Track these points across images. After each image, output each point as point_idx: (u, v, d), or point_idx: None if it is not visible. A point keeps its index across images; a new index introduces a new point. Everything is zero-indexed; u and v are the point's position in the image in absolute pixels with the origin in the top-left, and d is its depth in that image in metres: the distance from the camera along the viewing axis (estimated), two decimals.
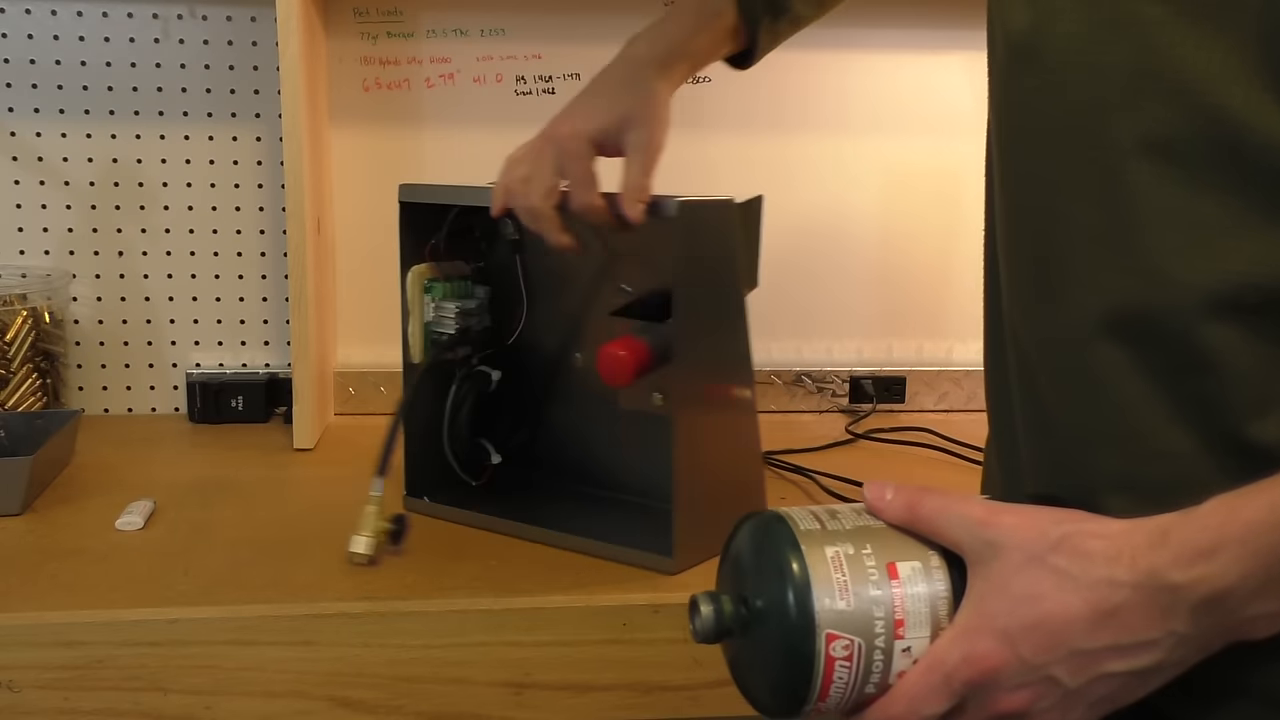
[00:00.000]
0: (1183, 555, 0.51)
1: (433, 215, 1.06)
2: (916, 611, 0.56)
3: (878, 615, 0.55)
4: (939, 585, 0.56)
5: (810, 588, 0.55)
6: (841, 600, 0.55)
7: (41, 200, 1.37)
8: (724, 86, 1.43)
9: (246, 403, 1.38)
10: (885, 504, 0.59)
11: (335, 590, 0.91)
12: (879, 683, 0.56)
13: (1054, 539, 0.54)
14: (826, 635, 0.55)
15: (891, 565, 0.56)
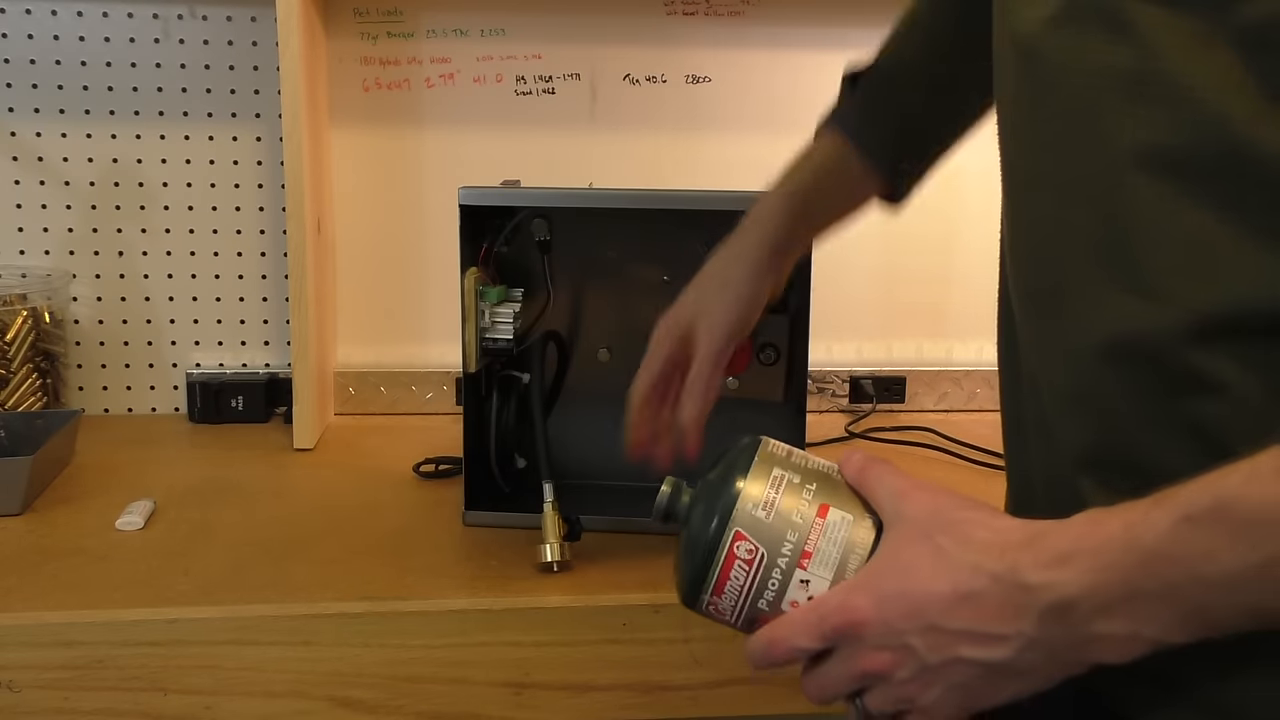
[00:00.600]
0: (1041, 558, 0.52)
1: (481, 217, 1.05)
2: (826, 552, 0.60)
3: (789, 538, 0.60)
4: (860, 543, 0.60)
5: (740, 489, 0.61)
6: (763, 510, 0.60)
7: (42, 200, 1.37)
8: (724, 86, 1.43)
9: (246, 403, 1.38)
10: (849, 464, 0.63)
11: (335, 590, 0.91)
12: (771, 602, 0.60)
13: (947, 520, 0.57)
14: (735, 532, 0.60)
15: (825, 506, 0.61)
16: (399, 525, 1.06)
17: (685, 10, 1.41)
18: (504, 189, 1.07)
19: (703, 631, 0.90)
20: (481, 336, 1.04)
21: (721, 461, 0.64)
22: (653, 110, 1.43)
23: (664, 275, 1.09)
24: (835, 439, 1.35)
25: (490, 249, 1.05)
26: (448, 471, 1.19)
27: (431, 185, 1.42)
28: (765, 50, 1.42)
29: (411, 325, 1.45)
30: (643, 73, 1.42)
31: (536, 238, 1.07)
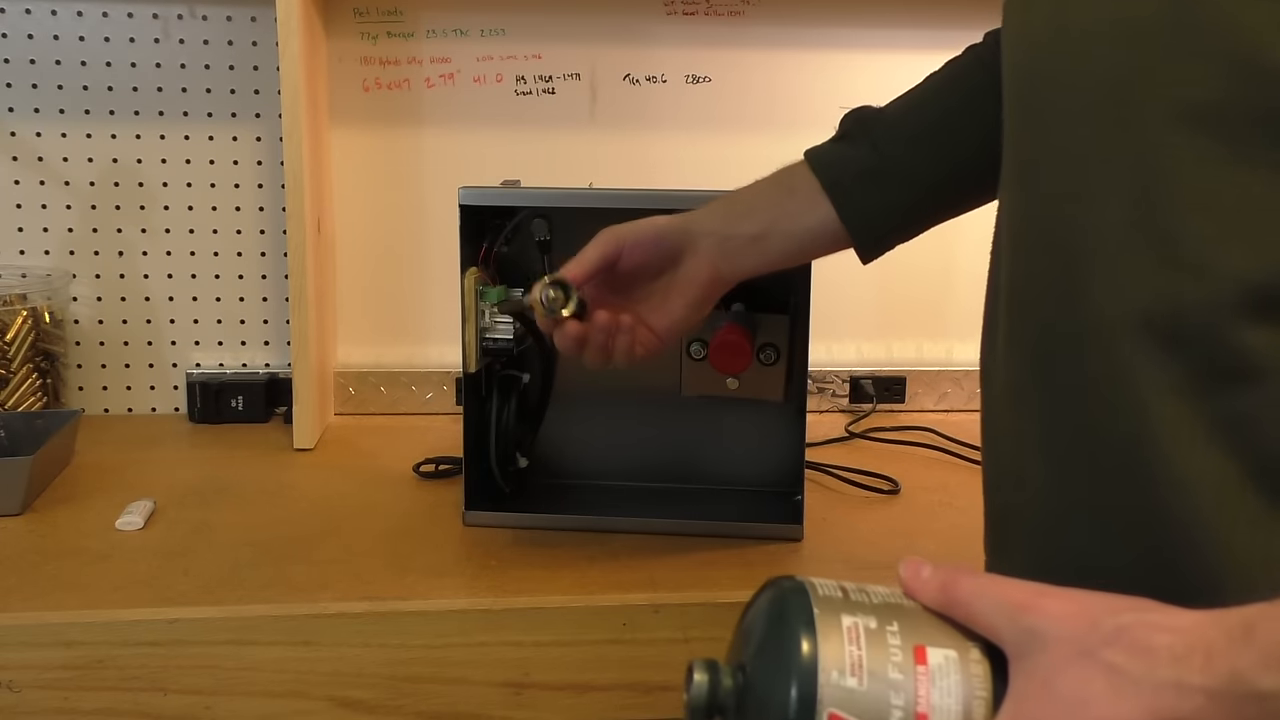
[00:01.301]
0: (1274, 655, 0.42)
1: (481, 217, 1.05)
2: (945, 708, 0.47)
3: (895, 703, 0.47)
4: (977, 682, 0.47)
5: (816, 658, 0.47)
6: (853, 678, 0.47)
7: (41, 200, 1.37)
8: (724, 86, 1.43)
9: (246, 403, 1.38)
10: (920, 583, 0.50)
11: (335, 590, 0.91)
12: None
13: (1109, 630, 0.44)
14: (829, 714, 0.47)
15: (920, 649, 0.48)
16: (399, 525, 1.06)
17: (685, 10, 1.41)
18: (504, 189, 1.07)
19: (703, 632, 0.90)
20: (481, 336, 1.04)
21: (762, 621, 0.51)
22: (653, 110, 1.43)
23: None
24: (835, 439, 1.35)
25: (490, 249, 1.05)
26: (448, 471, 1.19)
27: (431, 185, 1.42)
28: (765, 50, 1.42)
29: (411, 325, 1.45)
30: (643, 73, 1.42)
31: (536, 238, 1.07)
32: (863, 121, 0.88)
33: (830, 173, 0.86)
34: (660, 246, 0.86)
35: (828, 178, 0.86)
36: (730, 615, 0.89)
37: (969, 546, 1.02)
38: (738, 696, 0.50)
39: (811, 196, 0.86)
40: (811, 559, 0.99)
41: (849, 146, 0.87)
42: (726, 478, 1.13)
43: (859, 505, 1.13)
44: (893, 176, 0.85)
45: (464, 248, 1.03)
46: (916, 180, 0.85)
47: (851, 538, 1.04)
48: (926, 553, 1.01)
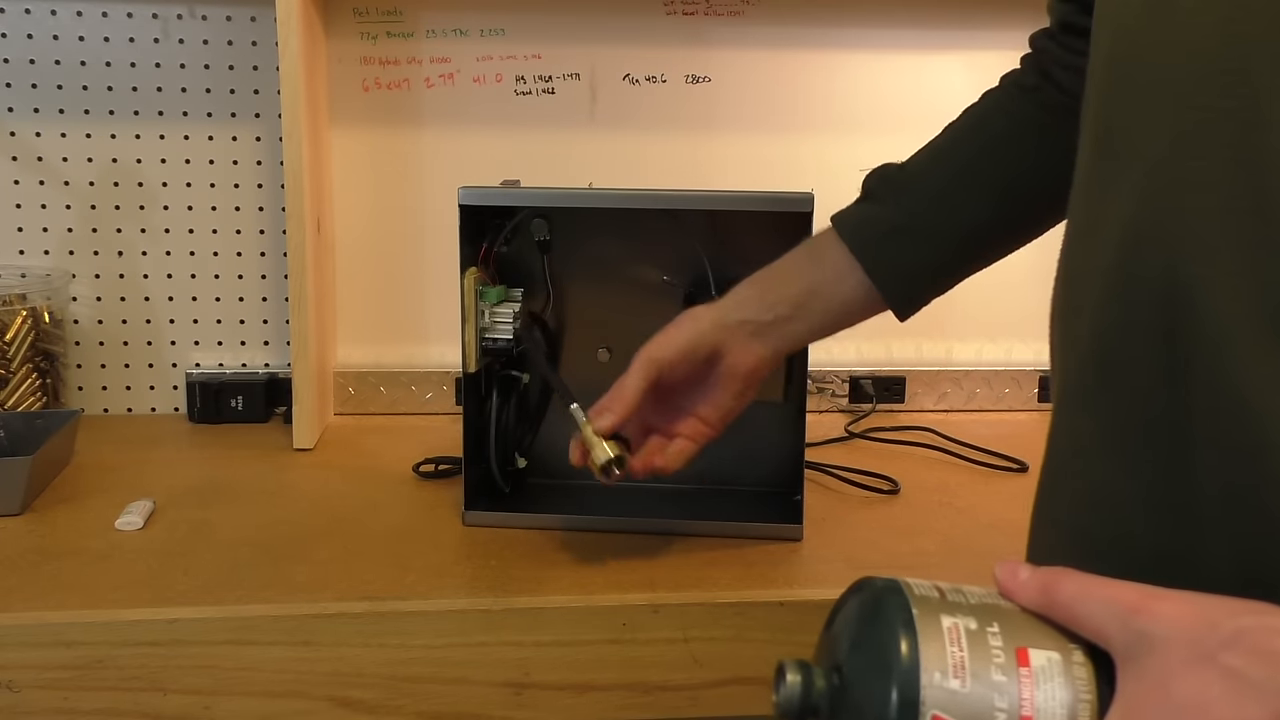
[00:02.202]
0: None
1: (481, 217, 1.05)
2: (1050, 711, 0.46)
3: (1000, 706, 0.46)
4: (1081, 685, 0.46)
5: (918, 660, 0.46)
6: (955, 679, 0.46)
7: (41, 200, 1.37)
8: (724, 86, 1.43)
9: (246, 403, 1.38)
10: (1018, 584, 0.50)
11: (335, 590, 0.91)
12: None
13: (1228, 633, 0.43)
14: (933, 716, 0.46)
15: (1022, 651, 0.47)
16: (399, 525, 1.06)
17: (685, 10, 1.41)
18: (504, 189, 1.07)
19: (702, 632, 0.90)
20: (481, 336, 1.04)
21: (857, 621, 0.51)
22: (653, 110, 1.43)
23: (664, 275, 1.09)
24: (835, 439, 1.35)
25: (490, 249, 1.05)
26: (448, 471, 1.19)
27: (431, 185, 1.42)
28: (765, 50, 1.42)
29: (411, 325, 1.45)
30: (642, 73, 1.42)
31: (536, 238, 1.07)
32: (885, 180, 0.88)
33: (857, 236, 0.86)
34: (694, 359, 0.89)
35: (855, 241, 0.86)
36: (730, 615, 0.90)
37: (969, 546, 1.02)
38: (832, 698, 0.49)
39: (841, 263, 0.86)
40: (811, 559, 0.99)
41: (873, 207, 0.87)
42: (726, 478, 1.13)
43: (859, 505, 1.13)
44: (920, 233, 0.85)
45: (464, 248, 1.03)
46: (944, 235, 0.85)
47: (851, 538, 1.04)
48: (926, 552, 1.02)
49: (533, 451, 1.13)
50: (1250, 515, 0.49)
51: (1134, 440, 0.55)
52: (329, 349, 1.40)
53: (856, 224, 0.87)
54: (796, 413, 1.08)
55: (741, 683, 0.91)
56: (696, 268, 1.07)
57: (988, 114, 0.87)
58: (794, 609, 0.91)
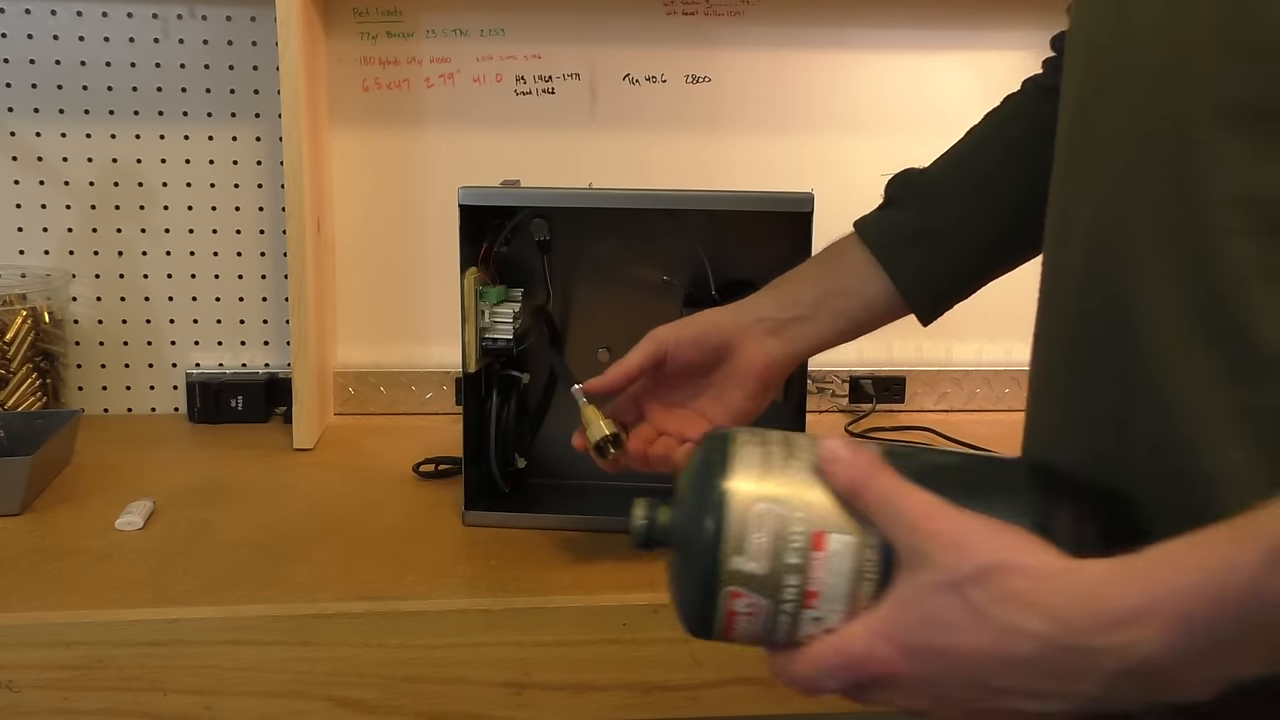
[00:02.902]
0: (1104, 619, 0.46)
1: (481, 217, 1.05)
2: (834, 587, 0.54)
3: (789, 583, 0.55)
4: (868, 566, 0.54)
5: (723, 543, 0.55)
6: (754, 563, 0.55)
7: (41, 200, 1.37)
8: (724, 86, 1.43)
9: (246, 403, 1.38)
10: (832, 471, 0.55)
11: (335, 590, 0.91)
12: (786, 637, 0.56)
13: (977, 567, 0.50)
14: (730, 591, 0.55)
15: (819, 536, 0.55)
16: (399, 525, 1.06)
17: (685, 10, 1.41)
18: (504, 189, 1.07)
19: None
20: (481, 336, 1.04)
21: (696, 475, 0.58)
22: (652, 110, 1.43)
23: (664, 275, 1.09)
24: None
25: (490, 249, 1.05)
26: (447, 471, 1.19)
27: (431, 185, 1.42)
28: (765, 50, 1.42)
29: (411, 325, 1.45)
30: (642, 73, 1.42)
31: (536, 238, 1.07)
32: (908, 185, 0.88)
33: (881, 240, 0.86)
34: (704, 345, 0.87)
35: (879, 245, 0.86)
36: None
37: None
38: (674, 534, 0.58)
39: (864, 268, 0.87)
40: None
41: (897, 212, 0.87)
42: None
43: None
44: (943, 237, 0.85)
45: (464, 248, 1.03)
46: (967, 239, 0.85)
47: None
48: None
49: (533, 451, 1.13)
50: (1180, 513, 0.50)
51: (1085, 437, 0.61)
52: (329, 349, 1.40)
53: (880, 229, 0.87)
54: (796, 413, 1.08)
55: (741, 683, 0.91)
56: (696, 268, 1.07)
57: (1008, 118, 0.87)
58: None
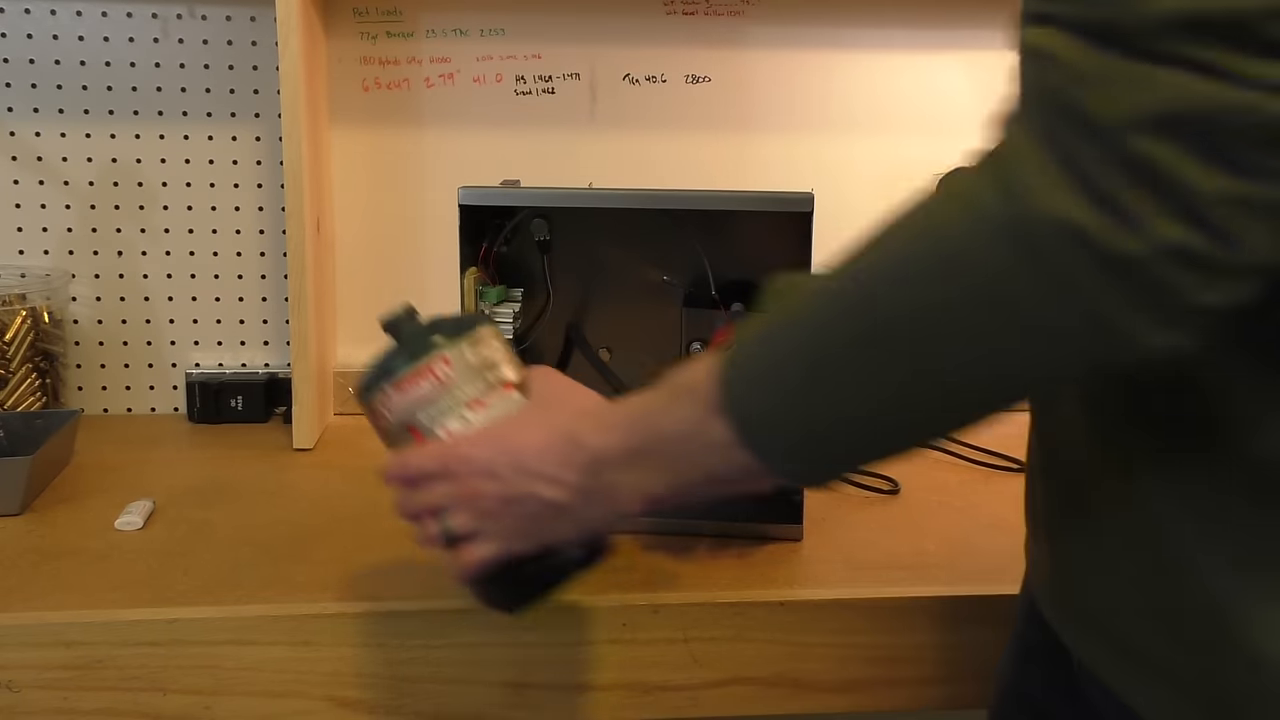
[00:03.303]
0: (595, 424, 0.68)
1: (481, 217, 1.05)
2: (493, 409, 0.75)
3: (476, 383, 0.76)
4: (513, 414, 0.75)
5: (477, 331, 0.78)
6: (474, 356, 0.77)
7: (41, 200, 1.37)
8: (724, 86, 1.43)
9: (246, 403, 1.38)
10: (535, 370, 0.78)
11: (335, 590, 0.91)
12: (431, 419, 0.76)
13: (552, 394, 0.75)
14: (444, 356, 0.76)
15: (511, 385, 0.77)
16: (399, 525, 1.05)
17: (685, 10, 1.41)
18: (504, 189, 1.07)
19: (702, 631, 0.90)
20: None
21: (465, 315, 0.81)
22: (652, 110, 1.43)
23: (664, 275, 1.09)
24: None
25: (490, 249, 1.05)
26: None
27: (431, 185, 1.42)
28: (765, 50, 1.42)
29: None
30: (642, 73, 1.42)
31: (536, 238, 1.07)
32: None
33: None
34: None
35: None
36: (730, 615, 0.90)
37: (969, 546, 1.02)
38: (414, 331, 0.78)
39: None
40: (811, 559, 0.99)
41: None
42: None
43: (858, 505, 1.13)
44: None
45: (464, 248, 1.03)
46: None
47: (851, 538, 1.04)
48: (927, 553, 1.01)
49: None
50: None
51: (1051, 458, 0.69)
52: (329, 349, 1.40)
53: None
54: None
55: (741, 683, 0.91)
56: (696, 268, 1.07)
57: None
58: (794, 609, 0.91)
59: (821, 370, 0.56)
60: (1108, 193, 0.46)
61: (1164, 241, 0.45)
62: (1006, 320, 0.50)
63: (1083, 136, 0.46)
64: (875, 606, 0.92)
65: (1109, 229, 0.46)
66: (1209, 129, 0.44)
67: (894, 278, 0.54)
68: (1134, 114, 0.45)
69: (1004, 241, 0.49)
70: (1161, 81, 0.45)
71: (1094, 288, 0.47)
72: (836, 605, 0.91)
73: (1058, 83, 0.47)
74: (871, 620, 0.91)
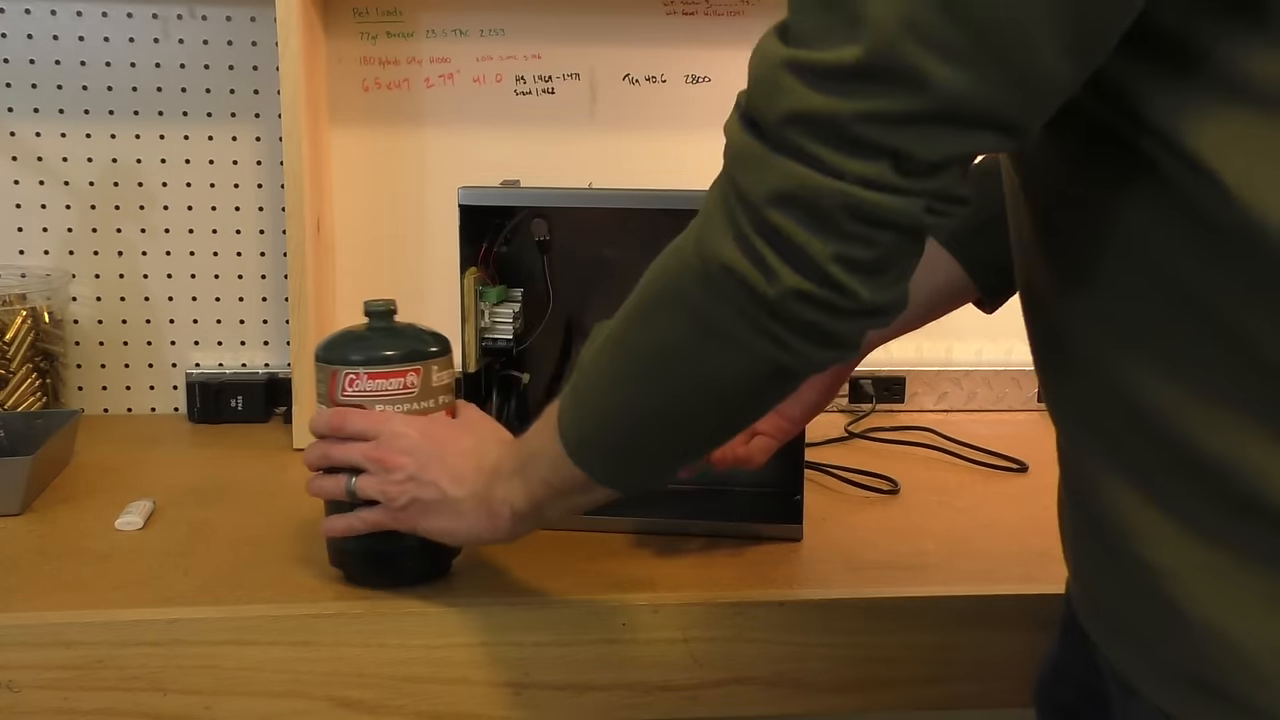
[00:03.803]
0: (499, 444, 0.84)
1: (481, 217, 1.05)
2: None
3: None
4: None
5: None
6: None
7: (41, 200, 1.37)
8: (724, 87, 1.43)
9: (246, 402, 1.38)
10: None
11: (335, 590, 0.91)
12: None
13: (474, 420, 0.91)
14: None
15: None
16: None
17: (685, 10, 1.41)
18: (503, 189, 1.07)
19: (702, 631, 0.90)
20: (481, 337, 1.04)
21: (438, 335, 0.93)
22: (652, 110, 1.43)
23: None
24: (835, 439, 1.35)
25: (490, 249, 1.05)
26: None
27: (431, 185, 1.42)
28: None
29: None
30: (642, 73, 1.42)
31: (536, 238, 1.07)
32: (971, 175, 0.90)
33: (954, 237, 0.90)
34: None
35: (951, 242, 0.90)
36: (730, 615, 0.90)
37: (969, 546, 1.02)
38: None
39: (931, 255, 0.89)
40: (811, 559, 0.99)
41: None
42: (725, 477, 1.13)
43: (858, 505, 1.14)
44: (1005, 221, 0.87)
45: (463, 248, 1.03)
46: None
47: (851, 538, 1.04)
48: (927, 553, 1.01)
49: None
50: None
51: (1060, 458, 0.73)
52: None
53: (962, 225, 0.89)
54: None
55: (741, 683, 0.91)
56: None
57: None
58: (794, 609, 0.91)
59: (606, 398, 0.70)
60: (753, 249, 0.58)
61: (791, 289, 0.57)
62: (705, 341, 0.63)
63: (739, 204, 0.58)
64: (875, 607, 0.91)
65: (756, 276, 0.58)
66: (814, 206, 0.55)
67: (634, 315, 0.67)
68: (765, 190, 0.56)
69: (696, 279, 0.61)
70: (782, 168, 0.56)
71: (756, 316, 0.59)
72: (836, 605, 0.91)
73: (729, 158, 0.59)
74: (871, 620, 0.91)
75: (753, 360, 0.62)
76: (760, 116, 0.57)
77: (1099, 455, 0.63)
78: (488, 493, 0.80)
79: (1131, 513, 0.61)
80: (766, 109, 0.57)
